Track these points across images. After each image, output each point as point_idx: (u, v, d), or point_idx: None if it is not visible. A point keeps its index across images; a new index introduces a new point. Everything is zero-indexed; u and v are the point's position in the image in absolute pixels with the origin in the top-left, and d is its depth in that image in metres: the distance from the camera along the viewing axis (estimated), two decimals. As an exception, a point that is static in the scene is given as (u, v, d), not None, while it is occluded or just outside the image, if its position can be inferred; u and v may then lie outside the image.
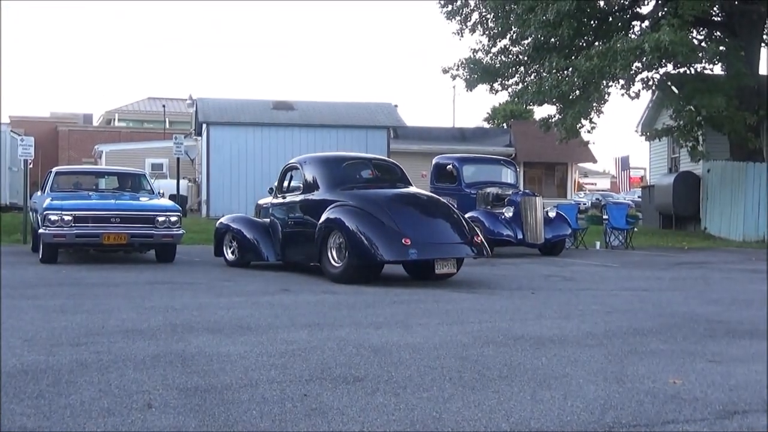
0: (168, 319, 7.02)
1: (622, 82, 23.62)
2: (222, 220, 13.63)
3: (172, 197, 20.76)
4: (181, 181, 27.82)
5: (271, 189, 12.94)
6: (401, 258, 10.13)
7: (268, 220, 12.62)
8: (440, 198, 11.69)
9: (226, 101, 30.51)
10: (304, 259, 11.66)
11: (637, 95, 24.27)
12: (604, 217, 21.79)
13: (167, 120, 52.70)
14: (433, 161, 19.34)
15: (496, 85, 25.29)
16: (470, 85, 25.05)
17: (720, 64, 23.78)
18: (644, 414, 4.15)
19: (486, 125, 56.31)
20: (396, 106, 33.99)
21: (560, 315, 7.76)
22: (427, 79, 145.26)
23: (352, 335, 6.31)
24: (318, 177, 11.65)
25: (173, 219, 13.27)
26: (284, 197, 12.33)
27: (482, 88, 25.47)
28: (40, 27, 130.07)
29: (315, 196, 11.47)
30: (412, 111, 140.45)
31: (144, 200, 14.19)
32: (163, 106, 54.23)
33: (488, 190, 17.67)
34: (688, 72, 23.56)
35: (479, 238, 10.70)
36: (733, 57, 22.95)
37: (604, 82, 22.93)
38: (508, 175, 18.87)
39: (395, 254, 10.06)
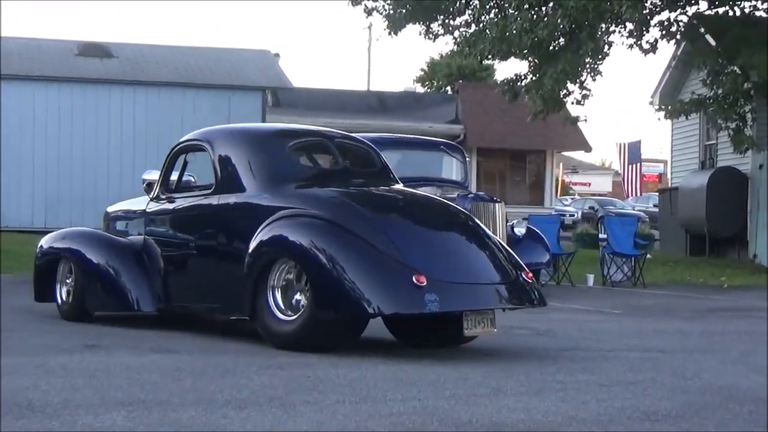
0: None
1: (630, 26, 24.09)
2: (47, 239, 12.75)
3: None
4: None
5: (150, 185, 12.00)
6: (412, 309, 9.18)
7: (140, 238, 11.76)
8: (454, 204, 11.27)
9: (3, 42, 29.91)
10: (214, 309, 10.88)
11: (653, 47, 24.77)
12: (602, 236, 22.14)
13: None
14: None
15: (435, 26, 25.48)
16: (395, 26, 25.18)
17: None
18: None
19: (419, 89, 56.80)
20: (277, 55, 33.96)
21: (529, 389, 7.83)
22: (327, 16, 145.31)
23: (200, 419, 6.24)
24: (245, 165, 10.69)
25: None
26: (172, 200, 11.48)
27: (413, 31, 25.72)
28: None
29: (240, 197, 10.57)
30: (301, 65, 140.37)
31: None
32: None
33: (422, 190, 17.77)
34: (730, 13, 24.12)
35: (529, 275, 10.07)
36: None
37: (603, 25, 23.34)
38: (452, 168, 19.01)
39: (401, 302, 9.14)
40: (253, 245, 9.88)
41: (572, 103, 25.67)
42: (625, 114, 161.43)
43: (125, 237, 12.16)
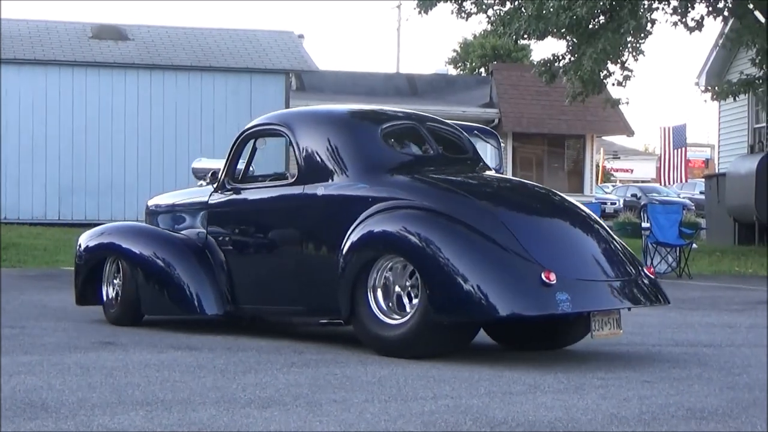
0: None
1: (674, 2, 23.94)
2: (86, 237, 12.12)
3: None
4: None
5: (214, 174, 11.44)
6: (542, 310, 8.76)
7: (199, 232, 11.28)
8: (562, 195, 10.79)
9: (15, 24, 30.06)
10: (297, 312, 10.50)
11: (699, 25, 24.62)
12: (645, 225, 22.05)
13: None
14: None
15: (468, 4, 25.41)
16: (426, 4, 25.13)
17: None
18: None
19: (451, 71, 56.66)
20: (301, 37, 33.92)
21: (568, 386, 7.84)
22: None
23: (222, 419, 6.28)
24: (334, 152, 10.19)
25: None
26: (239, 191, 10.98)
27: (445, 9, 25.58)
28: None
29: (330, 188, 10.05)
30: (327, 47, 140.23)
31: None
32: None
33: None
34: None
35: (651, 271, 9.80)
36: None
37: (646, 2, 23.20)
38: (486, 154, 18.96)
39: (530, 303, 8.71)
40: (350, 241, 9.44)
41: (613, 84, 25.53)
42: (670, 96, 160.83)
43: (178, 232, 11.61)
